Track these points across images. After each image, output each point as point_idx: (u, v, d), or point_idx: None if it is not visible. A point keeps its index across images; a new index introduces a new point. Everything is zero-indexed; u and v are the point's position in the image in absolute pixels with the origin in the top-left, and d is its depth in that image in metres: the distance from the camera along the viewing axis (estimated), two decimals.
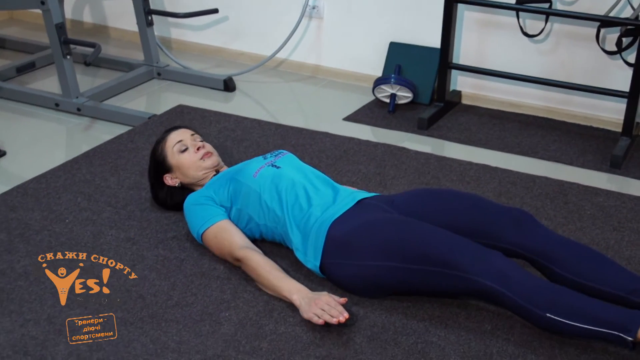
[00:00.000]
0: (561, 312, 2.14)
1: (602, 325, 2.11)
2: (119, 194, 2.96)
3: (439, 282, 2.27)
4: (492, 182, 3.12)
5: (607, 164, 3.35)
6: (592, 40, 3.55)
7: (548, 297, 2.17)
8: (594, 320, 2.12)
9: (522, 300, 2.17)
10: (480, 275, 2.20)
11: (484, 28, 3.81)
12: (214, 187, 2.63)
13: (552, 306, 2.15)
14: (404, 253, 2.28)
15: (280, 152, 2.75)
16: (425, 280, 2.29)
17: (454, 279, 2.23)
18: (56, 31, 3.61)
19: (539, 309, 2.16)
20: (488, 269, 2.20)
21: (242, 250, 2.47)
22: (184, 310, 2.34)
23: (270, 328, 2.28)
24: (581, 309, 2.14)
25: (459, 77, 3.96)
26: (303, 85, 4.19)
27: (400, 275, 2.30)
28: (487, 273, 2.20)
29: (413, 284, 2.32)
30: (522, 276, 2.20)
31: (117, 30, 4.79)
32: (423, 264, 2.26)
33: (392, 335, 2.26)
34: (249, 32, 4.41)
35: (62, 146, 3.53)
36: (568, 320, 2.13)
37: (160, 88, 4.12)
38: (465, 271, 2.21)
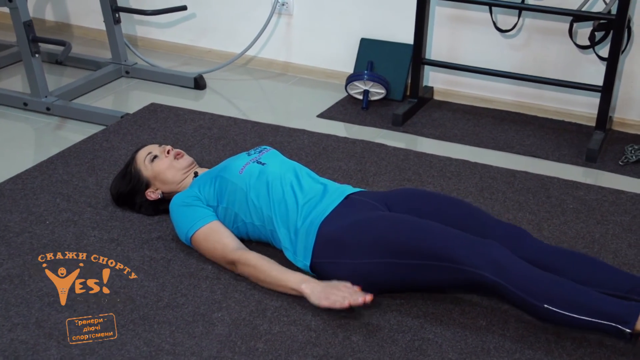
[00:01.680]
0: (559, 304, 2.13)
1: (601, 316, 2.11)
2: (99, 195, 2.89)
3: (434, 276, 2.25)
4: (473, 177, 3.11)
5: (582, 157, 3.36)
6: (564, 35, 3.56)
7: (545, 288, 2.16)
8: (592, 312, 2.12)
9: (519, 291, 2.16)
10: (476, 266, 2.18)
11: (456, 23, 3.81)
12: (198, 186, 2.58)
13: (550, 297, 2.14)
14: (398, 248, 2.26)
15: (264, 148, 2.70)
16: (420, 274, 2.26)
17: (450, 271, 2.21)
18: (24, 29, 3.51)
19: (537, 300, 2.15)
20: (483, 259, 2.19)
21: (236, 252, 2.42)
22: (175, 311, 2.29)
23: (265, 328, 2.23)
24: (579, 301, 2.13)
25: (431, 73, 3.95)
26: (274, 83, 4.15)
27: (394, 271, 2.28)
28: (482, 264, 2.18)
29: (408, 279, 2.30)
30: (518, 266, 2.19)
31: (81, 28, 4.69)
32: (417, 258, 2.24)
33: (388, 333, 2.23)
34: (217, 29, 4.35)
35: (32, 146, 3.44)
36: (566, 311, 2.13)
37: (129, 86, 4.04)
38: (460, 263, 2.19)
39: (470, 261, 2.19)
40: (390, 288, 2.36)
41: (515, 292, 2.16)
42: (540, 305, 2.15)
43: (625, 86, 3.58)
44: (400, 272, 2.28)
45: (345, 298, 2.22)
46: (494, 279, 2.17)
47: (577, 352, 2.18)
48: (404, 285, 2.34)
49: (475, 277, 2.19)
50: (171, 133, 3.42)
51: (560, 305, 2.13)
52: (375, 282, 2.32)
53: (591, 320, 2.12)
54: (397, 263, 2.26)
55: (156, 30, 4.50)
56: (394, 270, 2.28)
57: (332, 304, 2.23)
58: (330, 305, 2.23)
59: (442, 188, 3.02)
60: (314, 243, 2.37)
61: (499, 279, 2.16)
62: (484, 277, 2.18)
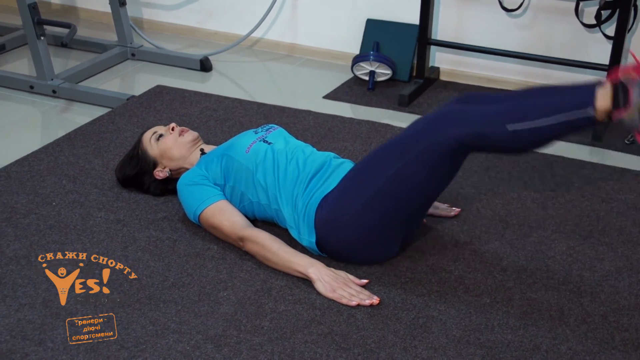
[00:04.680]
0: (519, 118, 2.13)
1: (563, 109, 2.09)
2: (105, 176, 2.91)
3: (423, 170, 2.26)
4: (478, 156, 3.10)
5: (588, 137, 3.36)
6: (570, 14, 3.55)
7: (502, 111, 2.18)
8: (553, 109, 2.10)
9: (482, 128, 2.16)
10: (441, 136, 2.20)
11: (461, 3, 3.80)
12: (205, 164, 2.59)
13: (508, 116, 2.14)
14: (387, 173, 2.29)
15: (272, 127, 2.71)
16: (413, 177, 2.27)
17: (427, 155, 2.23)
18: (29, 12, 3.52)
19: (499, 126, 2.14)
20: (443, 127, 2.21)
21: (246, 229, 2.44)
22: (181, 291, 2.31)
23: (270, 306, 2.25)
24: (536, 106, 2.14)
25: (437, 54, 3.94)
26: (280, 65, 4.15)
27: (390, 191, 2.29)
28: (444, 131, 2.20)
29: (402, 191, 2.30)
30: (472, 111, 2.22)
31: (87, 10, 4.69)
32: (400, 157, 2.27)
33: (393, 310, 2.25)
34: (223, 11, 4.35)
35: (39, 129, 3.46)
36: (530, 121, 2.11)
37: (135, 69, 4.05)
38: (428, 139, 2.22)
39: (436, 135, 2.21)
40: (398, 224, 2.37)
41: (479, 131, 2.16)
42: (503, 130, 2.14)
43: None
44: (394, 189, 2.29)
45: (352, 296, 2.26)
46: (459, 132, 2.17)
47: (581, 328, 2.19)
48: (409, 207, 2.34)
49: (447, 143, 2.20)
50: (177, 115, 3.43)
51: (521, 119, 2.12)
52: (382, 225, 2.34)
53: (558, 120, 2.08)
54: (389, 181, 2.28)
55: (162, 13, 4.50)
56: (389, 190, 2.29)
57: (338, 299, 2.26)
58: (336, 299, 2.26)
59: None
60: (315, 219, 2.39)
61: (463, 130, 2.17)
62: (452, 139, 2.19)
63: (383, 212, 2.32)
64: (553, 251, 2.53)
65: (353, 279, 2.34)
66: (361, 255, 2.41)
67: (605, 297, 2.32)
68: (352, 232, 2.35)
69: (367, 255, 2.41)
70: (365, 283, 2.34)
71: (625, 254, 2.52)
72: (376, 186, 2.30)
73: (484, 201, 2.81)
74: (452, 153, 2.23)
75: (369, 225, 2.34)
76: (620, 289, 2.36)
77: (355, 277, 2.34)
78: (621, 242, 2.58)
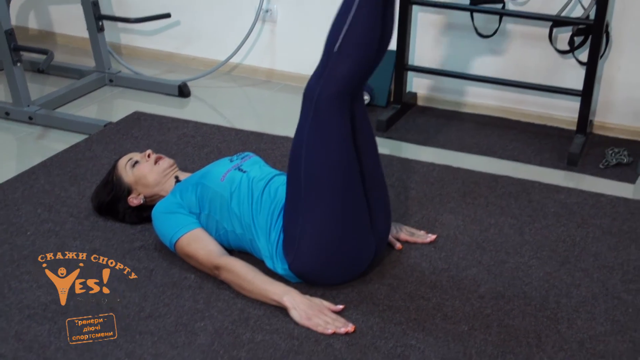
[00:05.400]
0: (334, 37, 2.19)
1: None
2: (81, 204, 2.87)
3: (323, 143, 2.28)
4: (456, 182, 3.11)
5: (564, 161, 3.37)
6: (544, 40, 3.58)
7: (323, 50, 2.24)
8: (347, 8, 2.18)
9: (323, 72, 2.22)
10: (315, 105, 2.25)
11: (438, 29, 3.81)
12: (180, 192, 2.56)
13: (328, 44, 2.22)
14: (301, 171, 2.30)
15: (247, 155, 2.70)
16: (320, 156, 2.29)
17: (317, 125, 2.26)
18: (6, 38, 3.49)
19: (328, 57, 2.21)
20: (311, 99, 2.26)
21: (221, 258, 2.41)
22: (157, 321, 2.27)
23: (247, 337, 2.22)
24: (336, 18, 2.21)
25: (414, 79, 3.95)
26: (258, 90, 4.14)
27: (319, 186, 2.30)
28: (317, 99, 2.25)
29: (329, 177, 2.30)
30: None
31: (64, 36, 4.67)
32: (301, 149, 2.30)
33: (371, 339, 2.22)
34: (201, 36, 4.34)
35: (14, 156, 3.41)
36: (342, 30, 2.17)
37: (113, 95, 4.02)
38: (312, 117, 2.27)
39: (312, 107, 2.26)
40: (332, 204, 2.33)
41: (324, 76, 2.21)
42: (334, 54, 2.20)
43: (605, 90, 3.60)
44: (314, 178, 2.29)
45: (328, 324, 2.24)
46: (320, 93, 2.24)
47: (558, 355, 2.18)
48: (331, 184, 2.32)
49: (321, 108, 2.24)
50: (154, 141, 3.40)
51: (335, 37, 2.20)
52: (322, 215, 2.32)
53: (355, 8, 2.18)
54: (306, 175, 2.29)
55: (140, 38, 4.48)
56: (312, 184, 2.30)
57: (314, 327, 2.24)
58: (311, 326, 2.24)
59: (425, 194, 3.01)
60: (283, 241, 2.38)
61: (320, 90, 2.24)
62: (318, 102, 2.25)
63: (321, 210, 2.30)
64: (530, 277, 2.52)
65: (329, 305, 2.31)
66: (336, 269, 2.39)
67: (582, 323, 2.31)
68: (312, 246, 2.33)
69: (342, 266, 2.39)
70: (340, 309, 2.31)
71: (601, 280, 2.52)
72: (301, 190, 2.30)
73: (461, 227, 2.80)
74: (331, 111, 2.24)
75: (321, 231, 2.32)
76: (597, 315, 2.35)
77: (331, 304, 2.32)
78: (597, 268, 2.58)
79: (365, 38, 2.20)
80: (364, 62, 2.24)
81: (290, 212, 2.35)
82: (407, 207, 2.92)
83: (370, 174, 2.41)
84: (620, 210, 2.93)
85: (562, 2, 3.48)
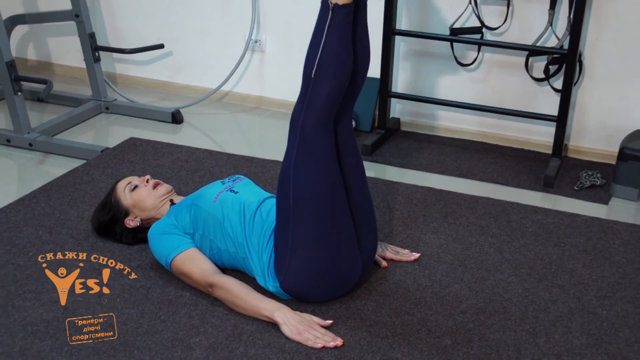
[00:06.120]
0: (309, 63, 2.29)
1: (321, 26, 2.26)
2: (80, 226, 2.90)
3: (308, 166, 2.32)
4: (438, 203, 3.16)
5: (540, 183, 3.42)
6: (521, 69, 3.64)
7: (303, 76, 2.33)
8: (319, 33, 2.27)
9: (305, 100, 2.30)
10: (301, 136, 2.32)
11: (419, 58, 3.87)
12: (175, 214, 2.60)
13: (305, 71, 2.31)
14: (290, 192, 2.35)
15: (238, 177, 2.74)
16: (307, 179, 2.33)
17: (302, 153, 2.32)
18: (7, 69, 3.52)
19: (308, 82, 2.29)
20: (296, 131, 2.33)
21: (215, 276, 2.44)
22: (154, 337, 2.30)
23: (241, 351, 2.25)
24: (310, 45, 2.31)
25: (397, 105, 4.00)
26: (248, 116, 4.19)
27: (307, 206, 2.34)
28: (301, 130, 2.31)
29: (316, 196, 2.34)
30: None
31: (62, 66, 4.70)
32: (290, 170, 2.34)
33: (359, 353, 2.26)
34: (193, 66, 4.39)
35: (16, 181, 3.44)
36: (315, 56, 2.27)
37: (109, 122, 4.06)
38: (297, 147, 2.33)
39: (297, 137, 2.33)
40: (319, 223, 2.36)
41: (306, 104, 2.30)
42: (311, 80, 2.29)
43: (579, 116, 3.66)
44: (301, 199, 2.34)
45: (317, 338, 2.27)
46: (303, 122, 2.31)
47: None
48: (317, 204, 2.35)
49: (305, 134, 2.30)
50: (149, 166, 3.43)
51: (310, 63, 2.30)
52: (311, 232, 2.35)
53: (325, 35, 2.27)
54: (294, 196, 2.34)
55: (135, 68, 4.52)
56: (300, 204, 2.33)
57: (304, 341, 2.27)
58: (302, 341, 2.27)
59: (408, 214, 3.06)
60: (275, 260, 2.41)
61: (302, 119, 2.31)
62: (303, 129, 2.31)
63: (310, 232, 2.34)
64: (509, 293, 2.56)
65: (318, 320, 2.34)
66: (325, 288, 2.42)
67: (559, 337, 2.35)
68: (302, 266, 2.36)
69: (330, 284, 2.42)
70: (329, 324, 2.35)
71: (577, 296, 2.56)
72: (289, 213, 2.34)
73: (443, 246, 2.84)
74: (315, 136, 2.29)
75: (309, 252, 2.35)
76: (573, 329, 2.39)
77: (320, 319, 2.35)
78: (573, 284, 2.62)
79: (339, 60, 2.26)
80: (341, 84, 2.29)
81: (281, 234, 2.38)
82: (392, 227, 2.96)
83: (357, 195, 2.45)
84: (594, 229, 2.98)
85: (538, 33, 3.55)
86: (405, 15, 3.77)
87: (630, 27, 3.42)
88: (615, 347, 2.31)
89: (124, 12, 4.41)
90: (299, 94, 2.32)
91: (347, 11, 2.25)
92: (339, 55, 2.26)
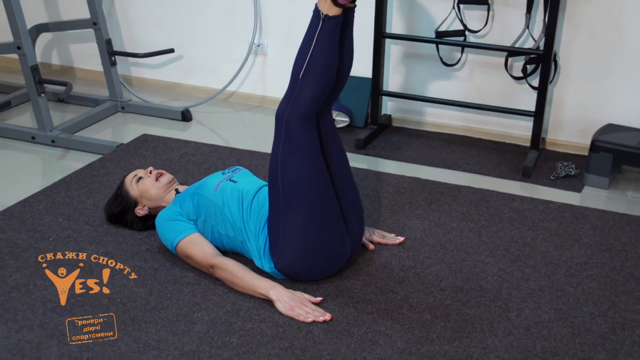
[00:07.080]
0: (298, 65, 2.34)
1: (312, 33, 2.31)
2: (96, 214, 2.96)
3: (295, 156, 2.37)
4: (424, 192, 3.21)
5: (519, 174, 3.46)
6: (501, 68, 3.68)
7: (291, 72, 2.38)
8: (308, 40, 2.31)
9: (292, 98, 2.35)
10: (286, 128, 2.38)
11: (408, 59, 3.92)
12: (179, 202, 2.66)
13: (294, 70, 2.36)
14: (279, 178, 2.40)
15: (237, 168, 2.79)
16: (293, 166, 2.38)
17: (289, 145, 2.37)
18: (31, 72, 3.59)
19: (296, 83, 2.34)
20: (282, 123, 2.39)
21: (216, 258, 2.50)
22: (160, 312, 2.37)
23: (239, 325, 2.31)
24: (300, 49, 2.35)
25: (388, 103, 4.05)
26: (251, 114, 4.24)
27: (295, 190, 2.38)
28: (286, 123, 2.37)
29: (303, 181, 2.39)
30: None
31: (82, 70, 4.77)
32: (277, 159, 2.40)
33: (346, 327, 2.31)
34: (201, 68, 4.44)
35: (39, 174, 3.51)
36: (305, 60, 2.31)
37: (124, 120, 4.12)
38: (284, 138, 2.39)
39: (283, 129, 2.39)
40: (309, 207, 2.40)
41: (293, 100, 2.35)
42: (300, 81, 2.35)
43: (555, 111, 3.70)
44: (290, 184, 2.38)
45: (308, 314, 2.33)
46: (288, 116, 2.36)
47: (507, 339, 2.27)
48: (305, 188, 2.40)
49: (291, 128, 2.36)
50: (160, 160, 3.50)
51: (299, 65, 2.35)
52: (302, 216, 2.40)
53: (315, 41, 2.31)
54: (283, 183, 2.38)
55: (148, 70, 4.59)
56: (289, 190, 2.38)
57: (296, 316, 2.33)
58: (294, 316, 2.33)
59: (396, 202, 3.11)
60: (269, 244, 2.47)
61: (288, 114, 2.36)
62: (288, 124, 2.37)
63: (299, 218, 2.39)
64: (486, 273, 2.61)
65: (309, 297, 2.41)
66: (315, 268, 2.48)
67: (530, 311, 2.40)
68: (294, 249, 2.42)
69: (320, 265, 2.48)
70: (319, 300, 2.41)
71: (547, 274, 2.61)
72: (280, 201, 2.39)
73: (427, 230, 2.89)
74: (299, 129, 2.34)
75: (300, 236, 2.40)
76: (542, 304, 2.44)
77: (311, 296, 2.41)
78: (544, 264, 2.67)
79: (324, 66, 2.32)
80: (326, 86, 2.35)
81: (273, 220, 2.44)
82: (380, 214, 3.01)
83: (341, 182, 2.50)
84: (566, 215, 3.02)
85: (516, 35, 3.59)
86: (395, 19, 3.81)
87: (601, 29, 3.46)
88: (580, 320, 2.36)
89: (138, 20, 4.47)
90: (286, 91, 2.37)
91: (336, 22, 2.30)
92: (325, 61, 2.32)
